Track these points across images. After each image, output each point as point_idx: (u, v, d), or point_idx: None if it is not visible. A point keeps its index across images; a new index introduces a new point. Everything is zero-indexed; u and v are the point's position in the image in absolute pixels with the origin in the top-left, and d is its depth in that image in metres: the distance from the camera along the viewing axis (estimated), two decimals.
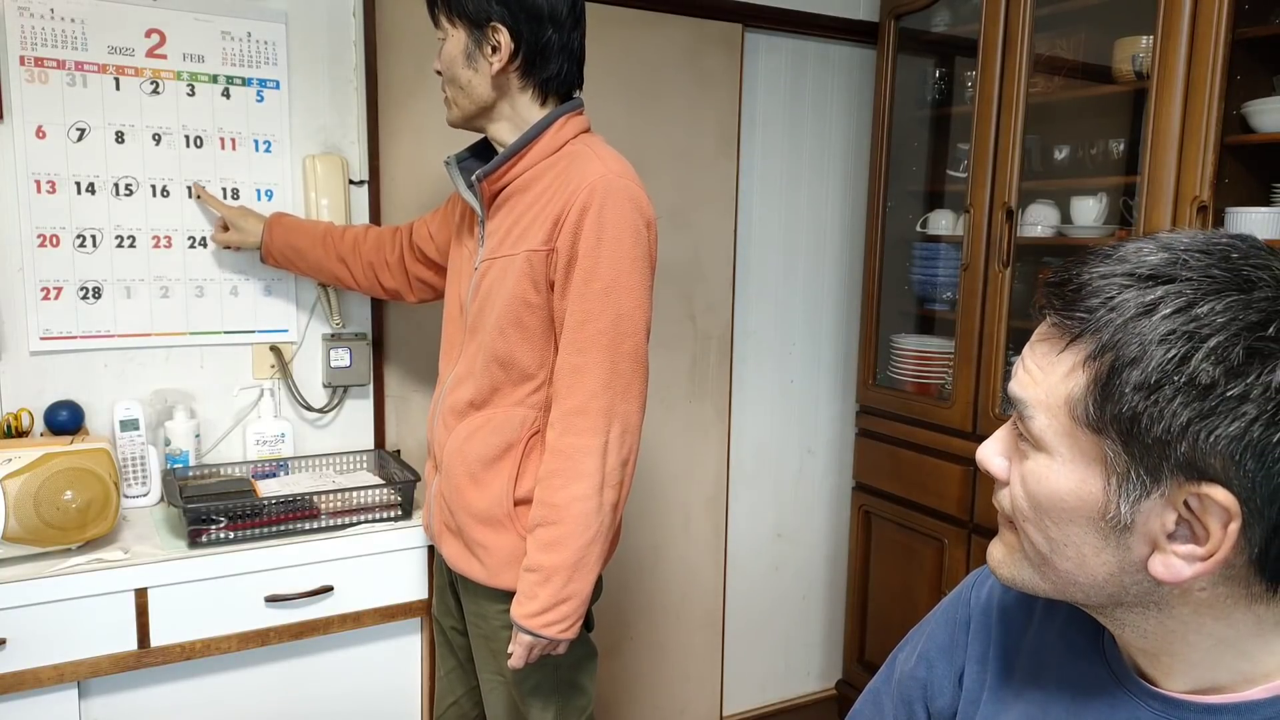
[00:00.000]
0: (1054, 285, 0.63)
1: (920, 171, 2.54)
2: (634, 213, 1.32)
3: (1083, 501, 0.61)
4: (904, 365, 2.43)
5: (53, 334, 1.69)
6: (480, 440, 1.40)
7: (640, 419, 1.37)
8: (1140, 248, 0.61)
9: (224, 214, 1.75)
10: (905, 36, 2.40)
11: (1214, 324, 0.55)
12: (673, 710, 2.53)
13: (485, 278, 1.41)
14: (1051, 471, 0.62)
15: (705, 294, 2.40)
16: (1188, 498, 0.58)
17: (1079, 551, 0.63)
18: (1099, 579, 0.63)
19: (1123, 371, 0.57)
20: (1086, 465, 0.61)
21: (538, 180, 1.38)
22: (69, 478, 1.44)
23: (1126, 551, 0.61)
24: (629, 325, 1.32)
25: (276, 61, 1.80)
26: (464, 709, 1.65)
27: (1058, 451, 0.62)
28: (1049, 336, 0.63)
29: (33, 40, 1.62)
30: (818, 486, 2.71)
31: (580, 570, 1.32)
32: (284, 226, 1.75)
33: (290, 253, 1.75)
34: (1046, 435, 0.62)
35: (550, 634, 1.32)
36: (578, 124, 1.41)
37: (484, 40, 1.36)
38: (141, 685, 1.52)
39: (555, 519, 1.32)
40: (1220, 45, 1.66)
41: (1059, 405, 0.61)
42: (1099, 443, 0.60)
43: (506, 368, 1.38)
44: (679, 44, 2.25)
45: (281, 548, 1.58)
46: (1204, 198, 1.69)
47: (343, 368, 1.92)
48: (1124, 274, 0.59)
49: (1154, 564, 0.60)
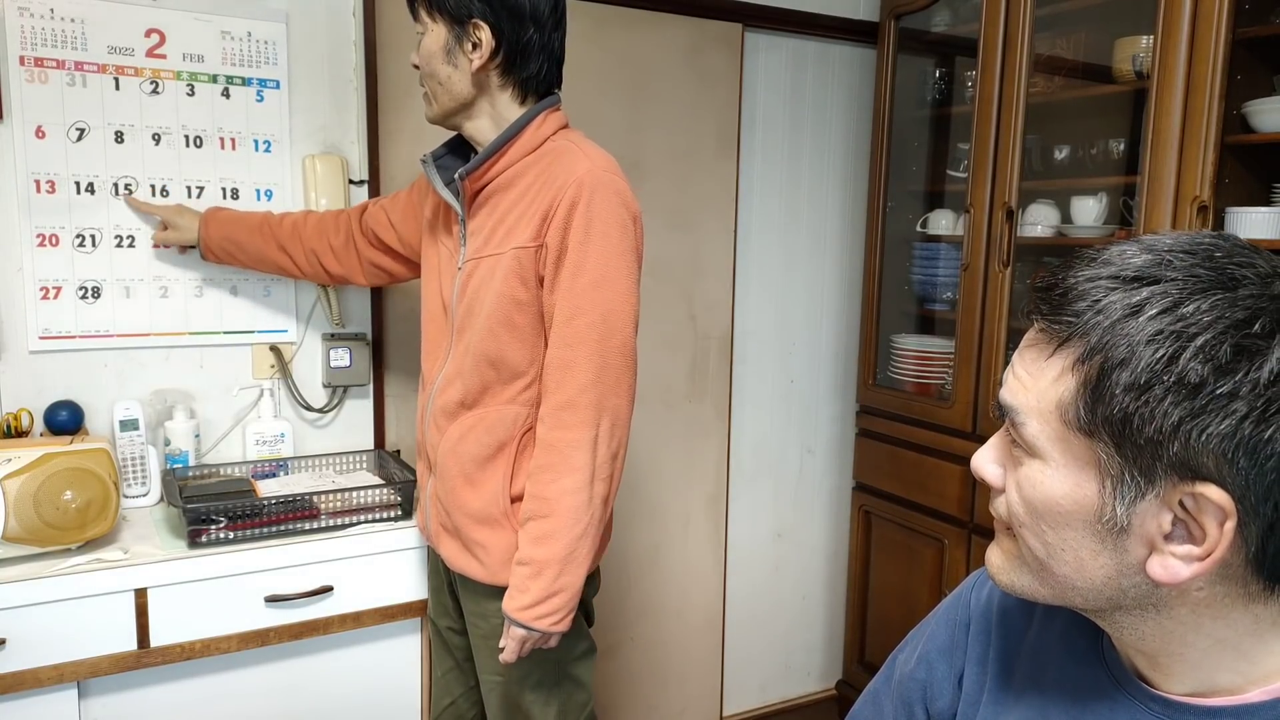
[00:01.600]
0: (1041, 290, 0.63)
1: (920, 171, 2.54)
2: (621, 207, 1.33)
3: (1078, 505, 0.61)
4: (904, 365, 2.43)
5: (52, 334, 1.69)
6: (473, 440, 1.40)
7: (629, 412, 1.37)
8: (1124, 250, 0.61)
9: (159, 214, 1.71)
10: (905, 36, 2.40)
11: (1201, 322, 0.55)
12: (673, 710, 2.52)
13: (472, 278, 1.41)
14: (1046, 477, 0.62)
15: (705, 294, 2.40)
16: (1183, 498, 0.58)
17: (1077, 556, 0.62)
18: (1097, 582, 0.63)
19: (1112, 373, 0.57)
20: (1080, 469, 0.61)
21: (520, 177, 1.38)
22: (69, 478, 1.44)
23: (1124, 554, 0.61)
24: (617, 319, 1.32)
25: (276, 61, 1.80)
26: (461, 709, 1.65)
27: (1051, 457, 0.62)
28: (1037, 342, 0.63)
29: (33, 40, 1.62)
30: (818, 486, 2.71)
31: (571, 563, 1.33)
32: (219, 220, 1.71)
33: (229, 245, 1.71)
34: (1039, 441, 0.62)
35: (542, 627, 1.32)
36: (556, 120, 1.41)
37: (465, 37, 1.35)
38: (141, 685, 1.52)
39: (546, 512, 1.32)
40: (1220, 45, 1.66)
41: (1050, 410, 0.61)
42: (1091, 446, 0.60)
43: (497, 366, 1.38)
44: (679, 44, 2.25)
45: (281, 548, 1.58)
46: (1204, 198, 1.69)
47: (342, 368, 1.92)
48: (1109, 276, 0.59)
49: (1152, 566, 0.60)
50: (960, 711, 0.82)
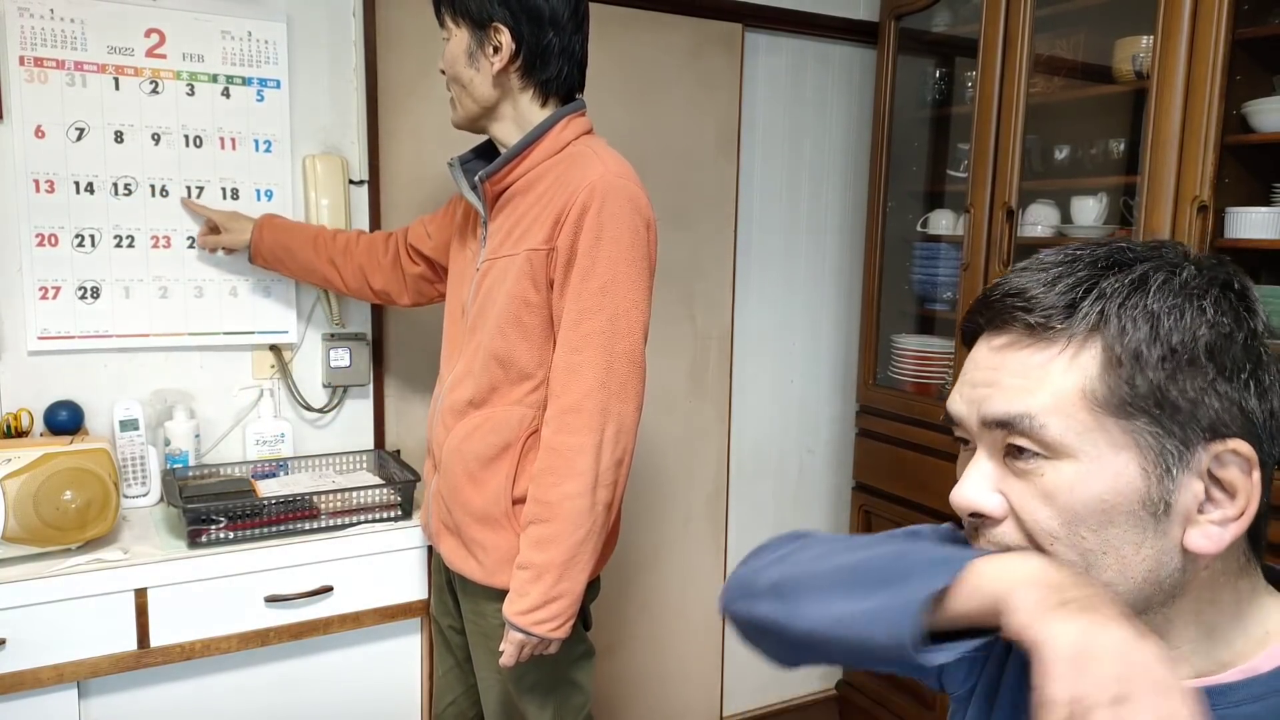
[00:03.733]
0: (1001, 298, 0.63)
1: (920, 171, 2.54)
2: (633, 213, 1.33)
3: (1121, 496, 0.59)
4: (904, 365, 2.43)
5: (51, 334, 1.69)
6: (479, 439, 1.40)
7: (636, 419, 1.37)
8: (1064, 251, 0.64)
9: (213, 217, 1.75)
10: (905, 36, 2.40)
11: (1199, 287, 0.59)
12: (673, 710, 2.52)
13: (486, 277, 1.42)
14: (1082, 474, 0.60)
15: (705, 294, 2.40)
16: (1211, 462, 0.59)
17: (1119, 555, 0.60)
18: (1139, 580, 0.60)
19: (1139, 347, 0.58)
20: (1116, 456, 0.59)
21: (540, 181, 1.39)
22: (68, 478, 1.44)
23: (1164, 538, 0.59)
24: (625, 325, 1.32)
25: (277, 61, 1.80)
26: (462, 708, 1.65)
27: (1083, 452, 0.59)
28: (1012, 345, 0.62)
29: (32, 40, 1.62)
30: (818, 486, 2.71)
31: (572, 568, 1.32)
32: (274, 226, 1.75)
33: (281, 252, 1.75)
34: (1067, 438, 0.59)
35: (541, 632, 1.32)
36: (579, 125, 1.42)
37: (485, 40, 1.37)
38: (141, 685, 1.52)
39: (547, 516, 1.32)
40: (1220, 45, 1.66)
41: (1074, 402, 0.59)
42: (1127, 427, 0.59)
43: (505, 366, 1.39)
44: (679, 44, 2.25)
45: (281, 548, 1.58)
46: (1204, 197, 1.69)
47: (342, 368, 1.92)
48: (1087, 265, 0.61)
49: (1193, 538, 0.59)
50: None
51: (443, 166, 1.52)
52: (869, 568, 0.68)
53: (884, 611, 0.62)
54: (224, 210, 1.78)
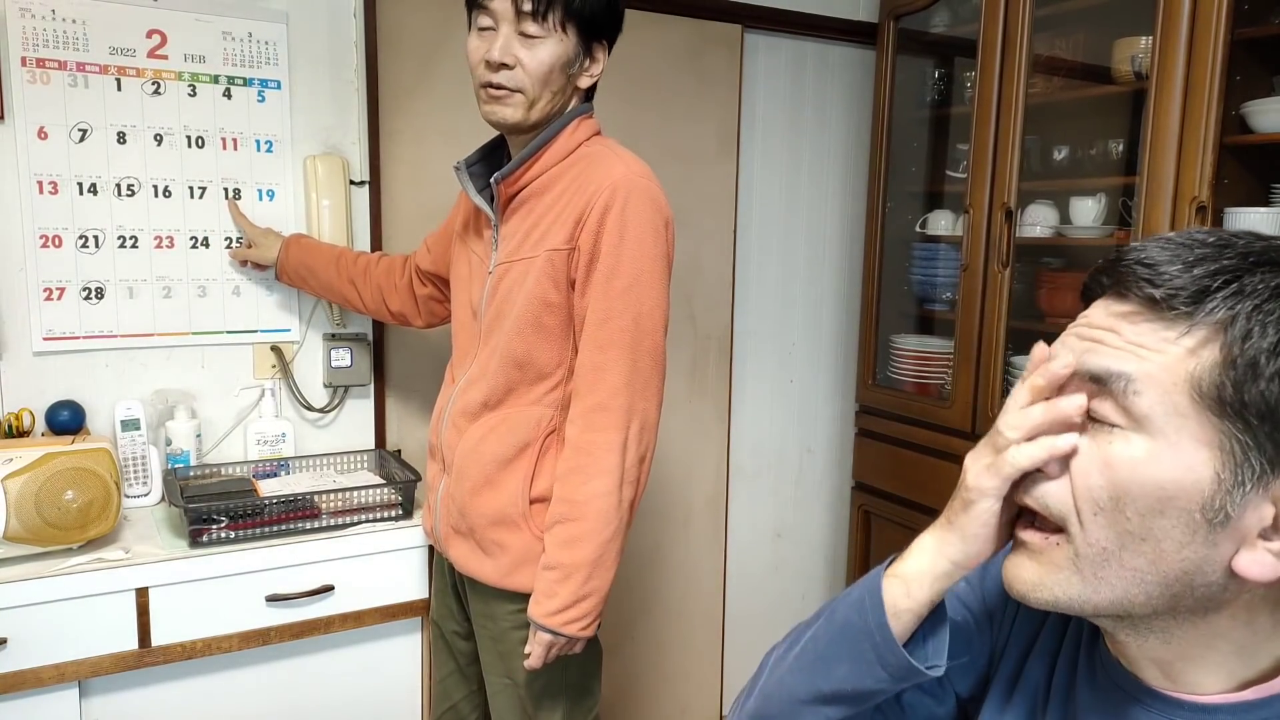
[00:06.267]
0: (1132, 264, 0.60)
1: (920, 172, 2.54)
2: (655, 212, 1.33)
3: (1183, 490, 0.56)
4: (904, 365, 2.43)
5: (55, 334, 1.70)
6: (495, 440, 1.40)
7: (657, 416, 1.37)
8: (1219, 234, 0.60)
9: (248, 232, 1.80)
10: (905, 37, 2.40)
11: None
12: (673, 710, 2.53)
13: (502, 281, 1.41)
14: (1153, 454, 0.57)
15: (705, 294, 2.40)
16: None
17: (1158, 546, 0.58)
18: (1169, 578, 0.58)
19: (1261, 356, 0.55)
20: (1195, 450, 0.56)
21: (556, 182, 1.39)
22: (70, 477, 1.45)
23: (1212, 549, 0.57)
24: (649, 323, 1.33)
25: (277, 62, 1.81)
26: (462, 713, 1.63)
27: (1163, 433, 0.57)
28: (1142, 311, 0.59)
29: (34, 41, 1.62)
30: (817, 486, 2.72)
31: (600, 567, 1.32)
32: (300, 246, 1.79)
33: (304, 271, 1.78)
34: (1155, 413, 0.57)
35: (570, 632, 1.32)
36: (590, 126, 1.43)
37: (588, 54, 1.38)
38: (142, 685, 1.53)
39: (576, 515, 1.32)
40: (1219, 45, 1.66)
41: (1179, 383, 0.56)
42: (1219, 427, 0.56)
43: (523, 367, 1.38)
44: (679, 44, 2.26)
45: (282, 547, 1.59)
46: (1203, 198, 1.70)
47: (343, 367, 1.92)
48: (1237, 255, 0.58)
49: (1243, 562, 0.57)
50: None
51: (444, 167, 1.52)
52: (816, 642, 0.75)
53: (863, 659, 0.70)
54: (259, 226, 1.81)
